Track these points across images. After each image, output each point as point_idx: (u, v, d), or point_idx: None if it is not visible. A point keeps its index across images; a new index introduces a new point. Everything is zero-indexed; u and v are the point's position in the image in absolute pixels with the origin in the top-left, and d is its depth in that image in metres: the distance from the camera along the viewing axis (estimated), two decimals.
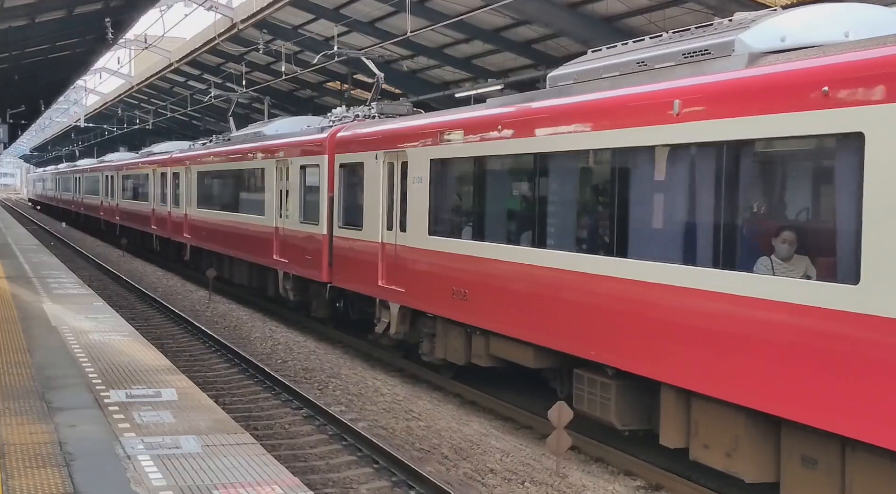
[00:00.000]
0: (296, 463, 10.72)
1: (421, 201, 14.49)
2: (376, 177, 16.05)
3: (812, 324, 7.79)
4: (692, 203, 9.32)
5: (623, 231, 10.18)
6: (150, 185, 35.32)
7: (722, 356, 8.69)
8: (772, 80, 8.38)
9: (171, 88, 51.52)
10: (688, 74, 9.52)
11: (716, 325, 8.80)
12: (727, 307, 8.64)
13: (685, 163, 9.42)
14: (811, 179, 8.58)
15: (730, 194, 8.71)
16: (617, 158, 10.21)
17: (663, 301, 9.45)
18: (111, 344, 12.29)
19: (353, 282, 17.11)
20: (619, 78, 10.69)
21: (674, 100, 9.30)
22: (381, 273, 15.76)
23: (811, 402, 7.79)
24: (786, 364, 8.03)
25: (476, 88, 29.47)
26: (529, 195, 11.97)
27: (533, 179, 11.88)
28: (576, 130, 10.93)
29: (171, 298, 25.41)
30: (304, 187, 19.71)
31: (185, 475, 6.90)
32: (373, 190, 16.23)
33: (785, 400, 8.05)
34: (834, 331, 7.60)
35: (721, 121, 8.75)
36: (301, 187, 19.79)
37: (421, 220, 14.48)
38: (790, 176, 8.74)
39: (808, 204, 8.55)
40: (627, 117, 10.04)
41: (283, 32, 33.16)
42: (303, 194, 19.75)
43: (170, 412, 8.73)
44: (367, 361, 17.27)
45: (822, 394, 7.68)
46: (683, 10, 21.38)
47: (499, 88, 28.60)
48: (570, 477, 10.37)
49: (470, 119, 13.42)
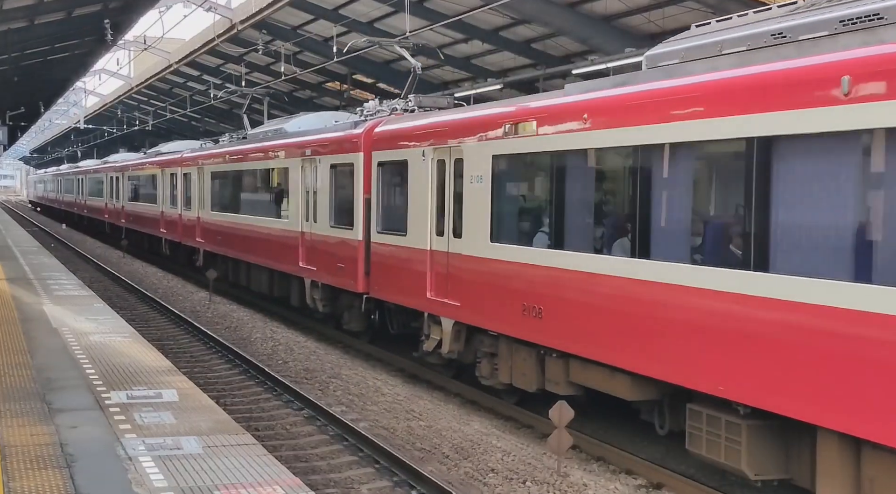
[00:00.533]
0: (297, 464, 10.72)
1: (480, 204, 12.83)
2: (423, 176, 14.45)
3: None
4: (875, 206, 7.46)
5: (764, 239, 8.30)
6: (158, 186, 33.88)
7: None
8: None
9: (171, 89, 51.52)
10: (857, 43, 7.77)
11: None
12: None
13: (854, 153, 7.64)
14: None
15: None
16: (756, 149, 8.38)
17: (834, 329, 7.60)
18: (112, 345, 12.28)
19: (395, 293, 15.51)
20: (747, 53, 8.99)
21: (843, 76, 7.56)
22: (429, 284, 14.19)
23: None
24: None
25: (475, 87, 29.47)
26: (627, 196, 10.25)
27: (634, 176, 10.05)
28: (696, 115, 9.10)
29: (171, 299, 25.40)
30: (335, 188, 18.12)
31: (186, 476, 6.89)
32: (419, 191, 14.59)
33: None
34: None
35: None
36: (332, 187, 18.21)
37: (480, 225, 12.85)
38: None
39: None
40: (780, 98, 8.16)
41: (283, 33, 33.16)
42: (333, 195, 18.18)
43: (171, 412, 8.73)
44: (368, 361, 17.27)
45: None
46: (682, 8, 21.37)
47: (498, 87, 28.61)
48: (571, 476, 10.37)
49: (546, 108, 11.60)
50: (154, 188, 34.73)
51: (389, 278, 15.65)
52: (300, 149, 19.97)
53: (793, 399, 7.96)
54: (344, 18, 28.92)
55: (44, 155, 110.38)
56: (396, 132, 15.77)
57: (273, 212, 21.62)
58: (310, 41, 32.93)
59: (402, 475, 10.26)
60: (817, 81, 7.85)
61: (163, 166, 33.52)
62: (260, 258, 22.44)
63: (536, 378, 12.08)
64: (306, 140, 19.84)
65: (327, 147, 18.46)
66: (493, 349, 13.02)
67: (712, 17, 11.10)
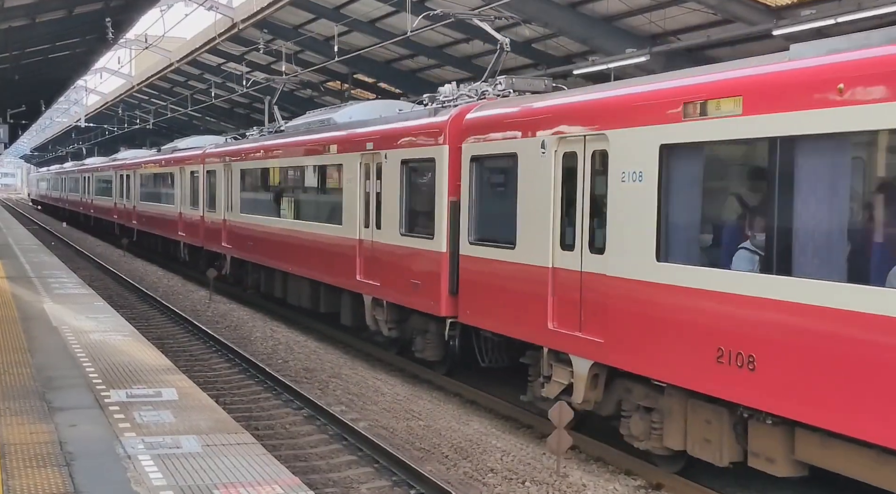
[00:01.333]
0: (297, 463, 10.72)
1: (638, 208, 9.80)
2: (542, 173, 11.49)
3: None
4: None
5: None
6: (176, 185, 30.76)
7: None
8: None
9: (172, 87, 51.55)
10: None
11: None
12: None
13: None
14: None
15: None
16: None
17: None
18: (112, 344, 12.29)
19: (496, 320, 12.54)
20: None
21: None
22: (550, 311, 11.27)
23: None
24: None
25: None
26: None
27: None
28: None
29: (171, 298, 25.41)
30: (407, 189, 15.20)
31: (185, 474, 6.90)
32: (535, 192, 11.63)
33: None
34: None
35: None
36: (403, 187, 15.24)
37: (638, 237, 9.79)
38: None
39: None
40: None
41: (284, 32, 33.19)
42: (406, 197, 15.21)
43: (170, 411, 8.73)
44: (368, 361, 17.27)
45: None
46: (684, 9, 21.37)
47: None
48: (570, 477, 10.37)
49: (765, 77, 8.51)
50: (171, 188, 31.62)
51: (487, 301, 12.74)
52: (358, 142, 16.98)
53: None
54: (345, 18, 28.94)
55: (44, 153, 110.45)
56: (498, 119, 12.81)
57: (322, 215, 18.70)
58: (310, 40, 32.94)
59: (402, 474, 10.26)
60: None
61: (182, 163, 30.33)
62: (302, 269, 19.48)
63: (731, 448, 9.12)
64: (366, 132, 16.84)
65: (395, 140, 15.54)
66: (653, 403, 10.06)
67: (713, 18, 10.83)
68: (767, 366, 8.23)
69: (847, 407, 7.50)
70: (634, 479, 10.49)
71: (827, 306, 7.69)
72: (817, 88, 7.82)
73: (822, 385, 7.75)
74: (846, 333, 7.52)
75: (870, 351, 7.31)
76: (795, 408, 8.01)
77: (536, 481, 10.22)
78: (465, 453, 11.27)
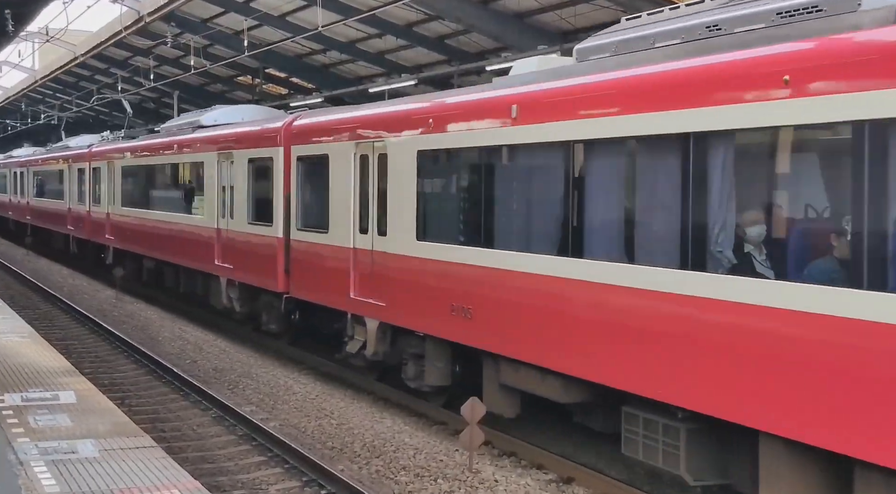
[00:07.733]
0: (204, 465, 10.47)
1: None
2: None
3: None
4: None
5: None
6: (65, 182, 32.62)
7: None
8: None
9: (77, 82, 50.19)
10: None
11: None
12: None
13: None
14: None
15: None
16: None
17: None
18: (8, 346, 11.84)
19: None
20: None
21: None
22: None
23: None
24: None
25: (389, 82, 29.33)
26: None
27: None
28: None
29: (76, 297, 24.69)
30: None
31: (80, 480, 6.63)
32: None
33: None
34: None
35: None
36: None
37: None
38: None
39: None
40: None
41: (192, 26, 32.53)
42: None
43: (67, 415, 8.42)
44: (280, 359, 17.00)
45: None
46: (593, 6, 21.54)
47: (412, 83, 28.50)
48: (482, 473, 10.33)
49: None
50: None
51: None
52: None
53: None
54: (255, 12, 28.48)
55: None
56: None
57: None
58: (220, 34, 32.37)
59: (312, 474, 10.10)
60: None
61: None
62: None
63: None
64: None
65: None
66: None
67: (623, 16, 10.91)
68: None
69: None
70: (546, 473, 10.49)
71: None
72: None
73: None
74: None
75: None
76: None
77: (448, 477, 10.15)
78: (378, 451, 11.15)
